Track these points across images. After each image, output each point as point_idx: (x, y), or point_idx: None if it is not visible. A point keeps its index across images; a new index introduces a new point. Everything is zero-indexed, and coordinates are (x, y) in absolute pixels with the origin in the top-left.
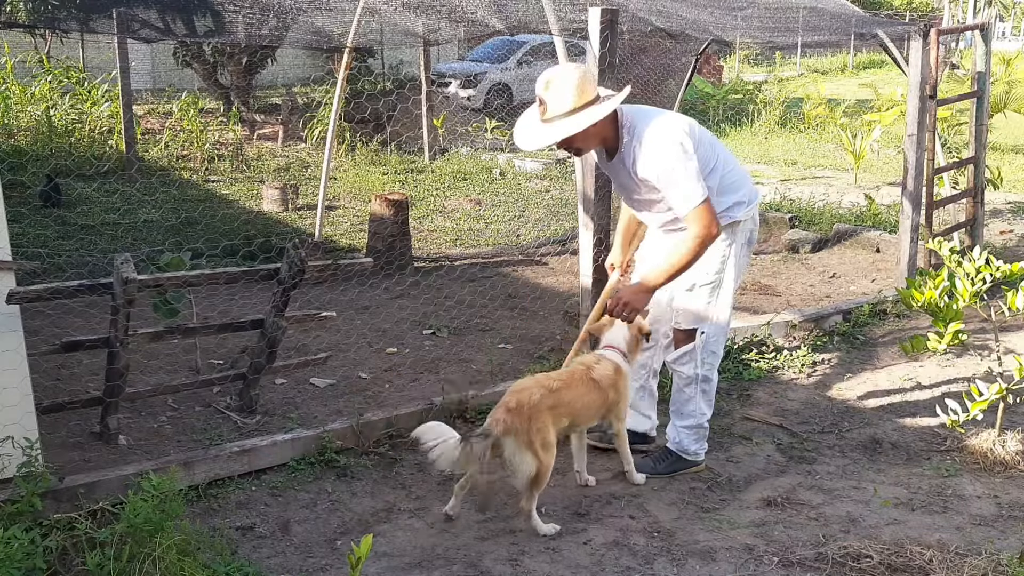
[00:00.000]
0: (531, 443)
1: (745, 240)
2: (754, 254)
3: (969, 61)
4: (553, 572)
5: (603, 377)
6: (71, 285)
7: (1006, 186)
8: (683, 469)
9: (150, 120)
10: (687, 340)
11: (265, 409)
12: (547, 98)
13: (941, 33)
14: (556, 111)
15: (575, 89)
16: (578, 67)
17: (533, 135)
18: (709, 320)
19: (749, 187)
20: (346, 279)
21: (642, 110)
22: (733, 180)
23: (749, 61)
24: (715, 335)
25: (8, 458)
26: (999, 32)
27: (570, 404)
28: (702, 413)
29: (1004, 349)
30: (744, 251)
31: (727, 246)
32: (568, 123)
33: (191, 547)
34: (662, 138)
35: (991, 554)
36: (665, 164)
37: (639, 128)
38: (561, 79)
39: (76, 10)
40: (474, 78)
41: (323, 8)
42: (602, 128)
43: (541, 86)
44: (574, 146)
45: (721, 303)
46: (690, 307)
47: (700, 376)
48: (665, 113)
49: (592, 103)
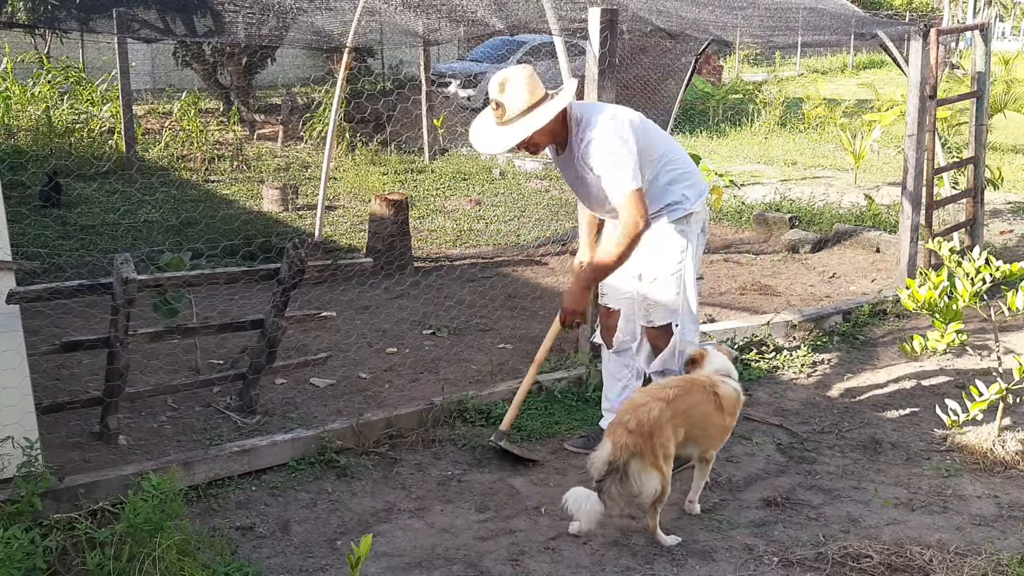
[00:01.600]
0: (656, 461)
1: (700, 229)
2: (754, 254)
3: (969, 61)
4: (553, 572)
5: (727, 398)
6: (71, 285)
7: (1006, 186)
8: None
9: (150, 120)
10: (663, 338)
11: (265, 409)
12: (503, 100)
13: (941, 33)
14: (514, 111)
15: (527, 88)
16: (524, 67)
17: (495, 138)
18: (680, 311)
19: (699, 178)
20: (346, 279)
21: (588, 106)
22: (684, 170)
23: (749, 61)
24: (689, 325)
25: (8, 458)
26: (999, 32)
27: (687, 413)
28: None
29: (1004, 349)
30: (700, 240)
31: (684, 236)
32: (526, 122)
33: (191, 547)
34: (606, 127)
35: (991, 554)
36: (605, 150)
37: (587, 120)
38: (513, 80)
39: (76, 10)
40: (474, 78)
41: (323, 8)
42: (555, 123)
43: (496, 89)
44: (532, 143)
45: (688, 292)
46: (660, 301)
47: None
48: (611, 106)
49: (543, 100)
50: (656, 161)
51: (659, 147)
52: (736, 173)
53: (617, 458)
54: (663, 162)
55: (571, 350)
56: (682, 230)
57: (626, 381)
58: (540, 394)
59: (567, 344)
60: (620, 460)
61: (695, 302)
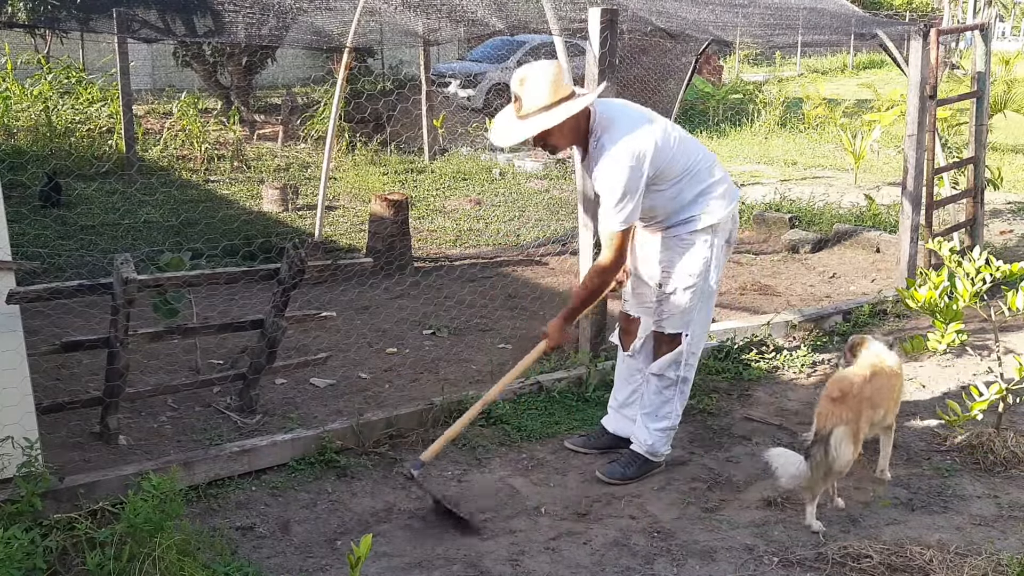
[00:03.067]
0: (856, 432)
1: (725, 240)
2: (754, 254)
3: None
4: (553, 572)
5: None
6: (71, 285)
7: (1006, 186)
8: (650, 471)
9: (150, 120)
10: (670, 344)
11: (265, 409)
12: (522, 94)
13: (941, 33)
14: (532, 106)
15: (550, 85)
16: (552, 63)
17: (509, 131)
18: (694, 322)
19: (726, 188)
20: (346, 279)
21: (616, 114)
22: (711, 182)
23: (749, 61)
24: (698, 337)
25: (8, 458)
26: (999, 32)
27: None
28: (677, 415)
29: (1004, 349)
30: (724, 251)
31: (708, 247)
32: (543, 118)
33: (191, 547)
34: (620, 153)
35: (991, 554)
36: (609, 180)
37: (605, 135)
38: (536, 75)
39: (76, 10)
40: (474, 78)
41: (323, 8)
42: (576, 126)
43: (516, 83)
44: (549, 143)
45: (705, 305)
46: (675, 311)
47: (681, 378)
48: (637, 123)
49: (567, 99)
50: (678, 178)
51: (680, 164)
52: (736, 173)
53: (823, 427)
54: (688, 176)
55: (571, 350)
56: (706, 240)
57: (636, 385)
58: (540, 394)
59: (567, 344)
60: (826, 429)
61: (710, 313)
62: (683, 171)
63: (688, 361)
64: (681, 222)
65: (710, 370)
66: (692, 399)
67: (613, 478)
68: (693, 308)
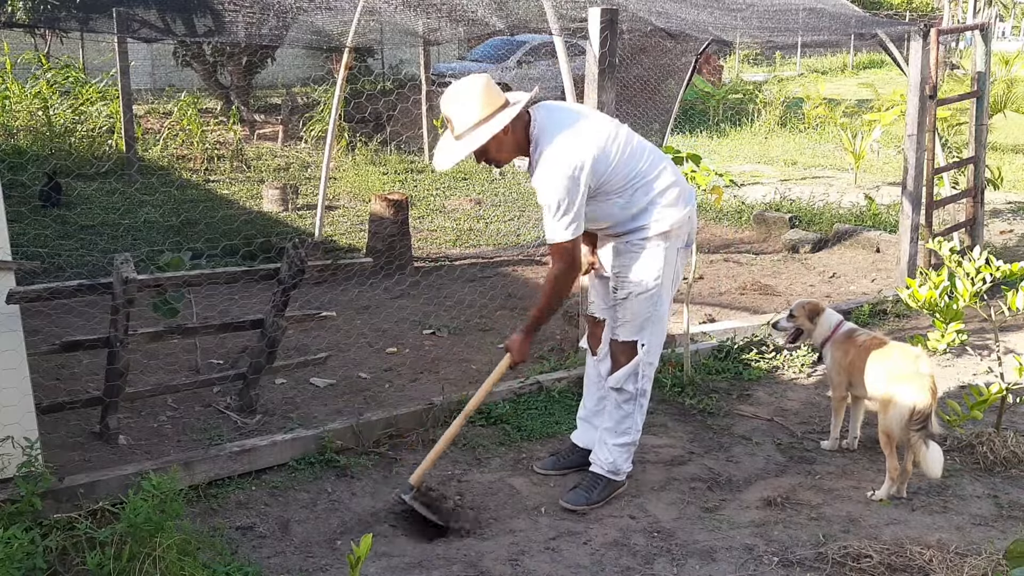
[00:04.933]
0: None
1: (682, 244)
2: (754, 254)
3: (969, 61)
4: (553, 572)
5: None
6: (71, 285)
7: (1006, 186)
8: (613, 493)
9: (150, 120)
10: (626, 354)
11: (265, 409)
12: (452, 114)
13: (941, 33)
14: (465, 124)
15: (479, 98)
16: (479, 77)
17: (447, 153)
18: (649, 330)
19: (680, 191)
20: (346, 279)
21: (555, 121)
22: (662, 188)
23: (749, 61)
24: (655, 345)
25: (8, 458)
26: (999, 32)
27: None
28: (637, 429)
29: (1004, 349)
30: (681, 255)
31: (662, 253)
32: (478, 133)
33: (191, 547)
34: (556, 164)
35: (991, 554)
36: (547, 192)
37: (543, 143)
38: (463, 92)
39: (76, 10)
40: None
41: (323, 8)
42: (515, 136)
43: (445, 104)
44: (492, 157)
45: (661, 311)
46: (629, 318)
47: (639, 390)
48: (577, 132)
49: (500, 109)
50: (624, 187)
51: (625, 171)
52: (736, 173)
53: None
54: (636, 183)
55: (571, 350)
56: (659, 246)
57: (604, 392)
58: (540, 394)
59: (567, 344)
60: (927, 411)
61: (666, 320)
62: (630, 179)
63: (645, 372)
64: (633, 230)
65: (710, 370)
66: (692, 399)
67: (578, 505)
68: (647, 315)
